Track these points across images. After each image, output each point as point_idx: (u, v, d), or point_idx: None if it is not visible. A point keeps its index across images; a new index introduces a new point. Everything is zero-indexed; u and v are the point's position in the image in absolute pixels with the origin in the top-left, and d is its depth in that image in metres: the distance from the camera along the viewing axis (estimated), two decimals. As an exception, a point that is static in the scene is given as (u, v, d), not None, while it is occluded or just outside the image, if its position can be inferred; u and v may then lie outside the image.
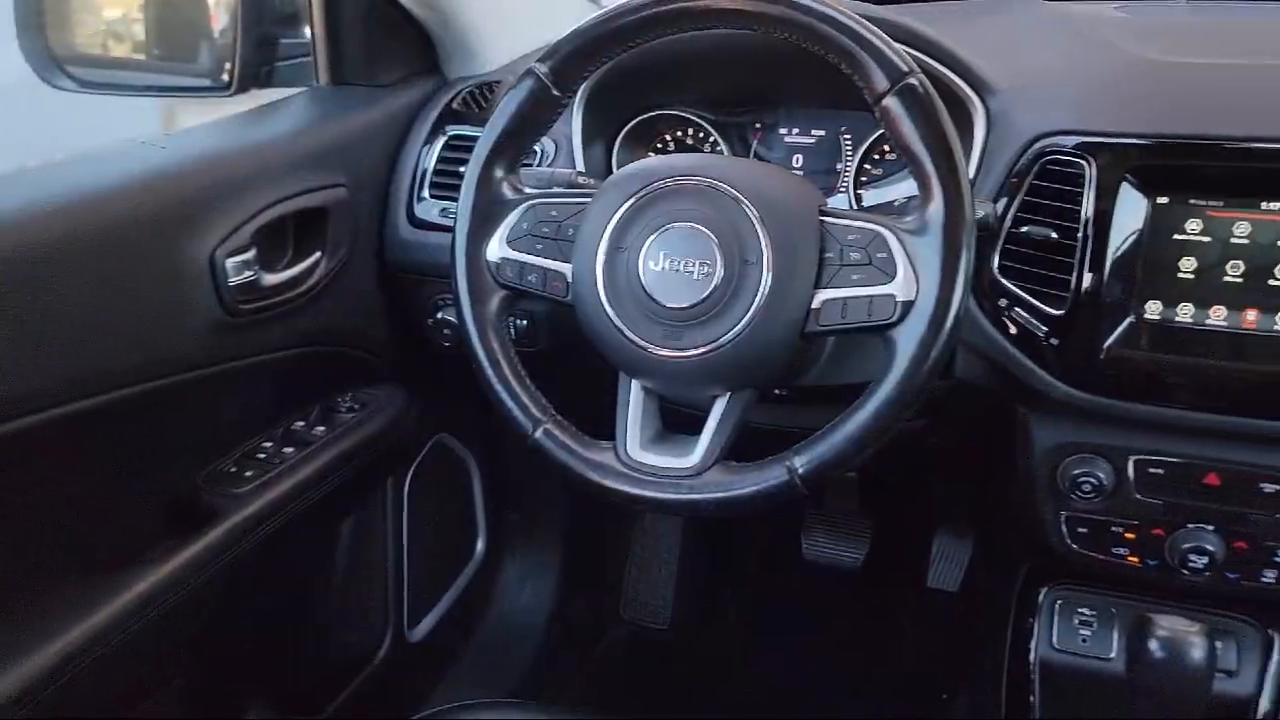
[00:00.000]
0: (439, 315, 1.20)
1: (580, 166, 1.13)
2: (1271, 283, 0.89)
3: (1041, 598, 1.15)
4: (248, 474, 1.10)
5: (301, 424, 1.20)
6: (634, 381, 0.88)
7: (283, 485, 1.10)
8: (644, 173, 0.87)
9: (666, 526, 1.88)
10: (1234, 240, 0.90)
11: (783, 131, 1.20)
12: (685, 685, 1.74)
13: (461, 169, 0.97)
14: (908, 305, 0.79)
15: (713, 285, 0.82)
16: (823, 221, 0.84)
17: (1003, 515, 1.12)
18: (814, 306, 0.82)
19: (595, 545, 1.85)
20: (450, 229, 0.95)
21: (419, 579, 1.48)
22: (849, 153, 1.16)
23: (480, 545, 1.64)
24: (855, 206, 1.15)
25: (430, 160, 1.20)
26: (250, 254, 1.01)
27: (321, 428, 1.20)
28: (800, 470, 0.81)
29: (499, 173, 0.93)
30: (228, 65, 1.19)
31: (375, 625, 1.43)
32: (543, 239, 0.90)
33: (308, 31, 1.25)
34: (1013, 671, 1.15)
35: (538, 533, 1.73)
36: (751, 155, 1.21)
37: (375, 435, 1.24)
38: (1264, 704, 1.05)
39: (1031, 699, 1.12)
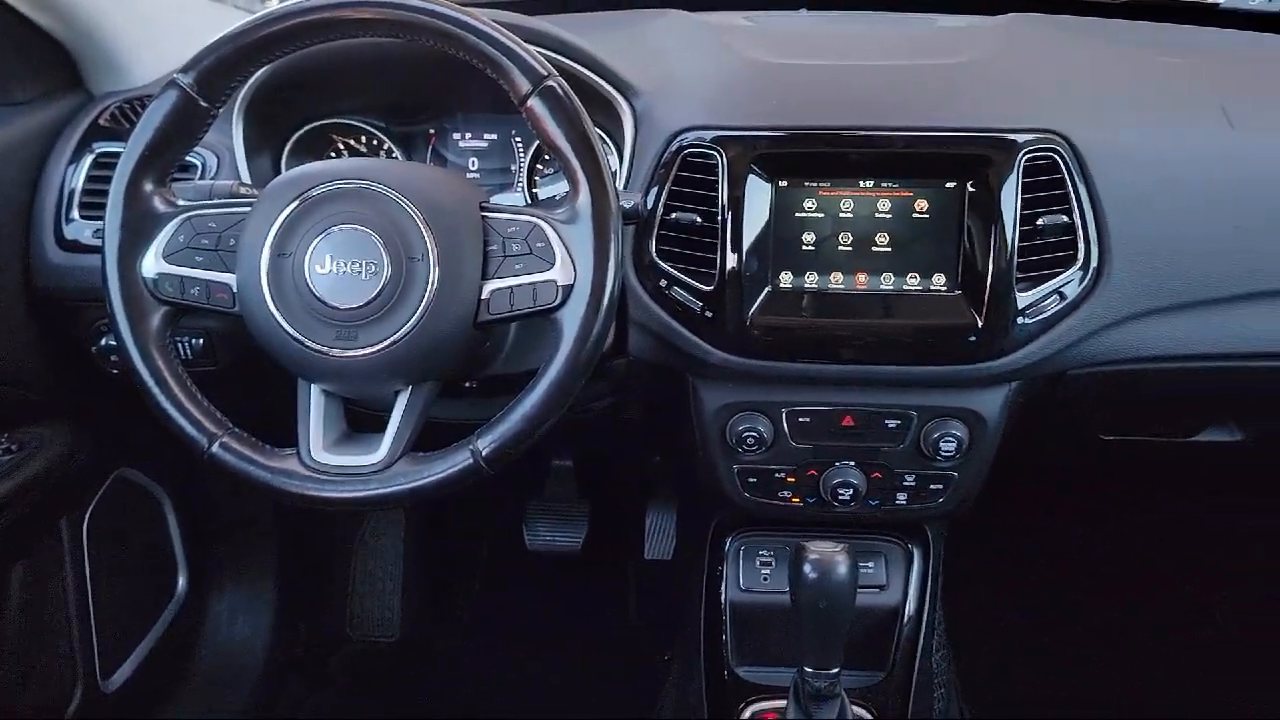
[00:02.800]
0: (103, 342, 1.14)
1: (245, 177, 1.12)
2: (874, 249, 1.05)
3: (728, 546, 1.27)
4: None
5: None
6: (312, 386, 0.89)
7: None
8: (304, 178, 0.88)
9: (389, 539, 1.87)
10: (842, 215, 1.05)
11: (456, 137, 1.25)
12: (420, 692, 1.74)
13: None
14: (568, 289, 0.86)
15: (381, 284, 0.85)
16: (485, 216, 0.89)
17: (692, 477, 1.22)
18: (483, 297, 0.87)
19: (315, 568, 1.80)
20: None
21: (111, 625, 1.39)
22: (520, 153, 1.23)
23: (182, 582, 1.56)
24: (529, 203, 1.22)
25: (78, 179, 1.14)
26: None
27: (-29, 476, 1.11)
28: (484, 451, 0.86)
29: (149, 187, 0.90)
30: None
31: (61, 679, 1.33)
32: (203, 251, 0.89)
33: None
34: (709, 618, 1.27)
35: (248, 563, 1.67)
36: (428, 161, 1.24)
37: (37, 476, 1.16)
38: (909, 607, 1.22)
39: (724, 637, 1.24)
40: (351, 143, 1.24)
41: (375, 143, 1.25)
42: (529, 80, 0.86)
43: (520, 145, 1.23)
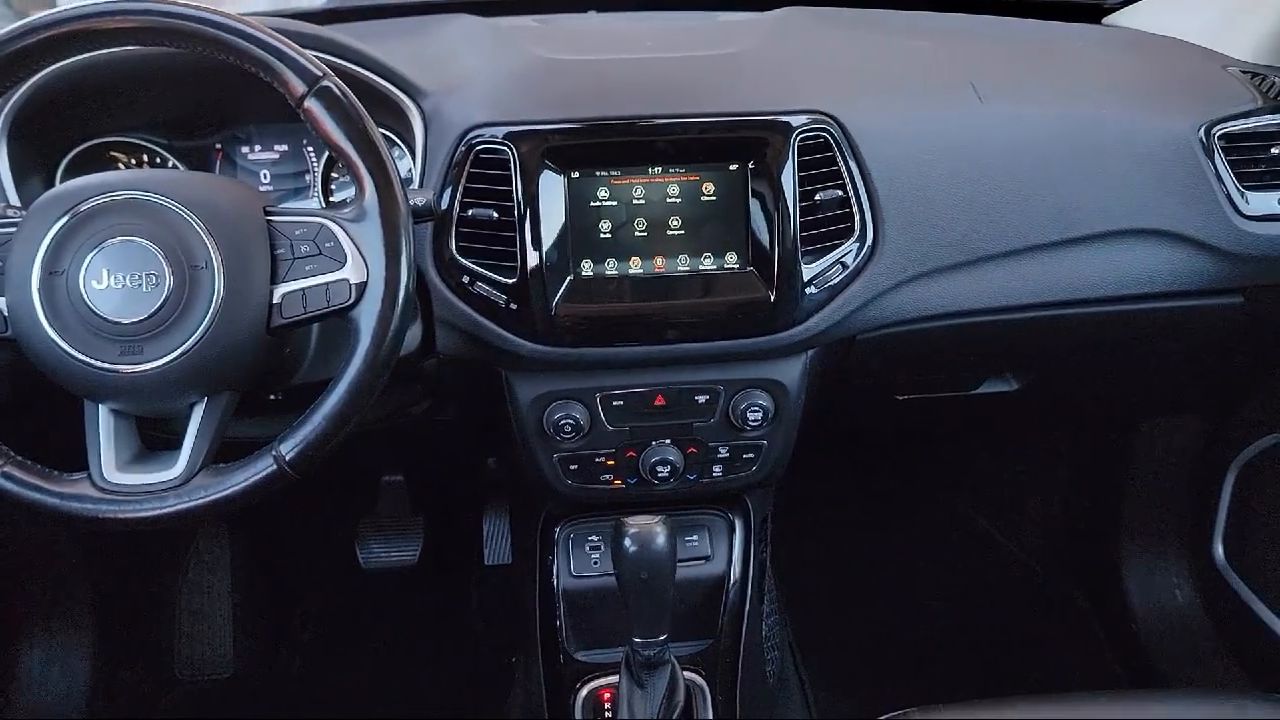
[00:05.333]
0: None
1: (14, 200, 1.06)
2: (669, 233, 1.10)
3: (557, 536, 1.29)
4: None
5: None
6: (100, 405, 0.86)
7: None
8: (73, 192, 0.85)
9: (217, 573, 1.80)
10: (635, 202, 1.09)
11: (245, 150, 1.23)
12: None
13: None
14: (361, 287, 0.86)
15: (164, 295, 0.82)
16: (270, 221, 0.88)
17: (517, 472, 1.24)
18: (275, 301, 0.86)
19: (136, 610, 1.72)
20: None
21: None
22: (313, 161, 1.22)
23: None
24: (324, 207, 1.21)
25: None
26: None
27: None
28: (288, 456, 0.85)
29: None
30: None
31: None
32: None
33: None
34: (543, 608, 1.29)
35: (60, 609, 1.57)
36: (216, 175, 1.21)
37: None
38: (734, 574, 1.28)
39: (559, 624, 1.26)
40: (133, 162, 1.20)
41: (158, 160, 1.21)
42: (303, 82, 0.86)
43: (312, 153, 1.22)
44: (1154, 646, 1.72)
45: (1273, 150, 1.20)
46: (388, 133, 1.14)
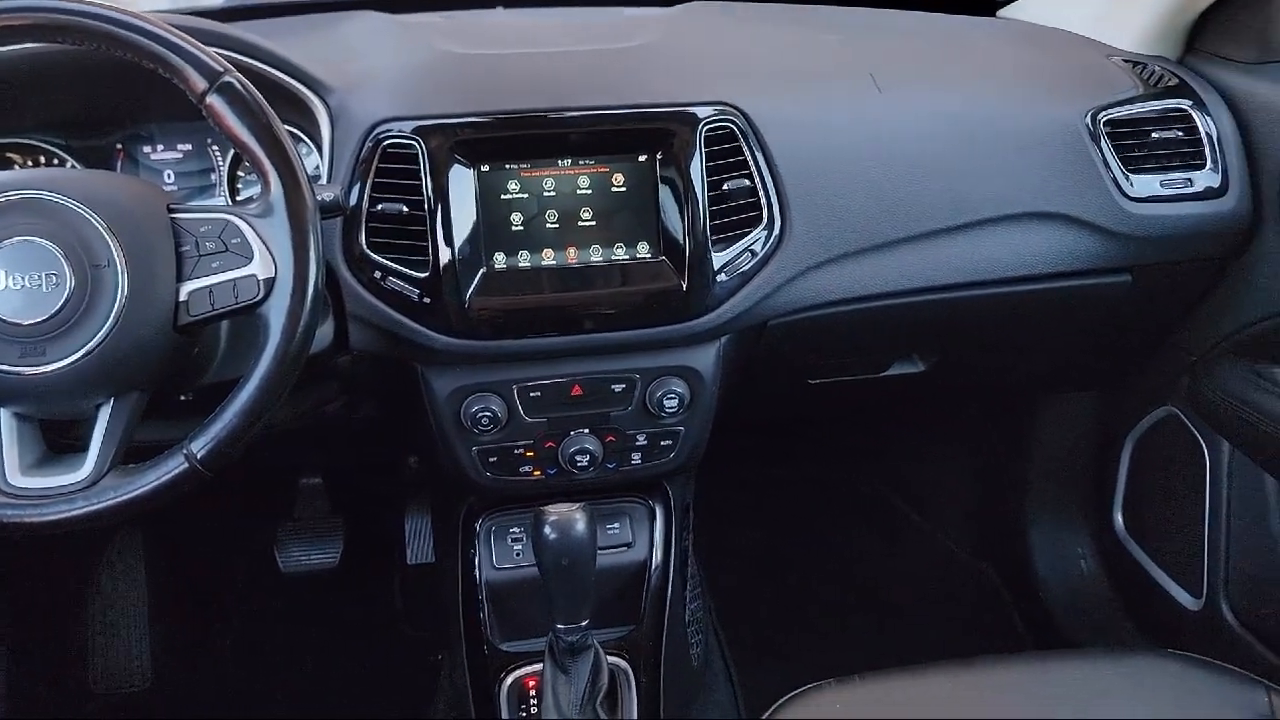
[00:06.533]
0: None
1: None
2: (580, 224, 1.11)
3: (479, 529, 1.29)
4: None
5: None
6: (1, 409, 0.84)
7: None
8: None
9: (129, 581, 1.75)
10: (545, 194, 1.10)
11: (148, 150, 1.21)
12: None
13: None
14: (270, 282, 0.86)
15: (65, 295, 0.81)
16: (174, 218, 0.87)
17: (437, 467, 1.24)
18: (181, 299, 0.85)
19: (48, 621, 1.67)
20: None
21: None
22: (219, 159, 1.20)
23: None
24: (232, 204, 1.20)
25: None
26: None
27: None
28: (199, 454, 0.84)
29: None
30: None
31: None
32: None
33: None
34: (466, 602, 1.29)
35: None
36: None
37: None
38: (655, 560, 1.30)
39: (483, 616, 1.27)
40: (29, 163, 1.17)
41: (55, 161, 1.18)
42: (204, 78, 0.85)
43: (217, 152, 1.20)
44: (1061, 613, 1.79)
45: (1153, 135, 1.27)
46: (294, 129, 1.13)
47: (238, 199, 1.21)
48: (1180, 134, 1.27)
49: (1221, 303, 1.37)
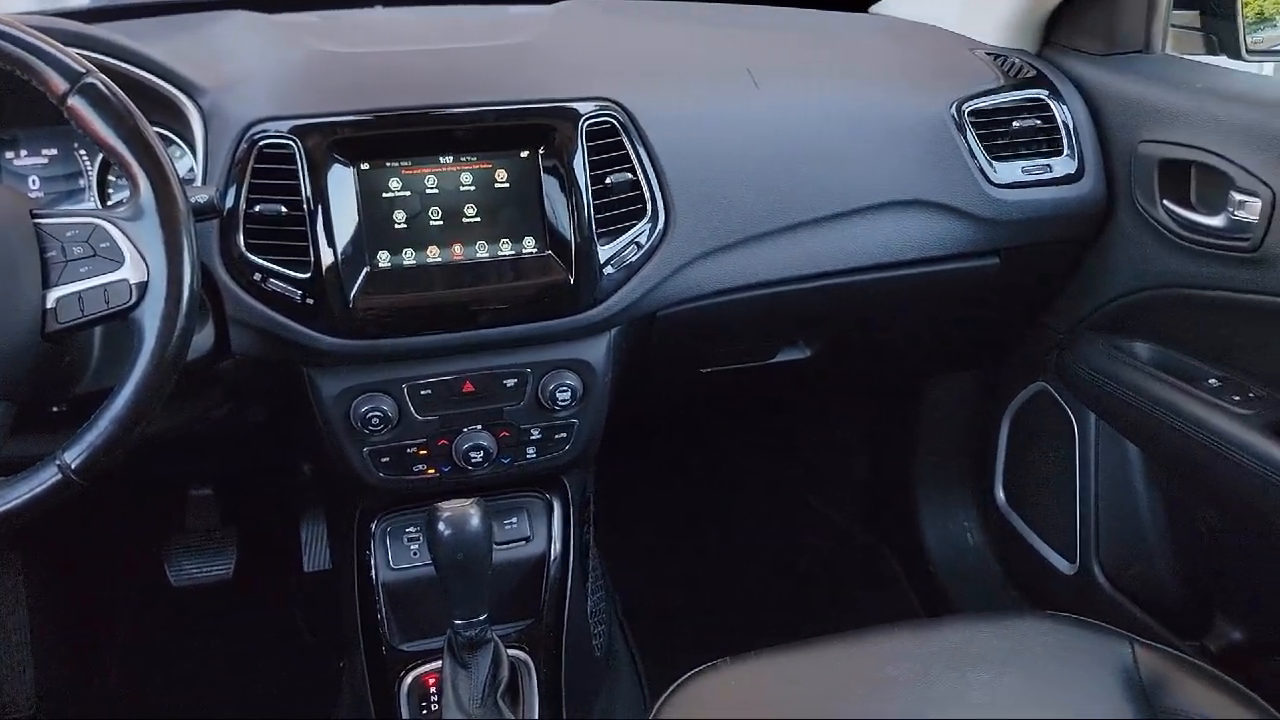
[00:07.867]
0: None
1: None
2: (465, 221, 1.11)
3: (374, 531, 1.28)
4: None
5: None
6: None
7: None
8: None
9: (8, 605, 1.68)
10: (428, 191, 1.10)
11: (10, 155, 1.16)
12: None
13: None
14: (143, 286, 0.84)
15: None
16: (37, 224, 0.84)
17: (329, 470, 1.22)
18: (49, 306, 0.83)
19: None
20: None
21: None
22: (86, 164, 1.16)
23: None
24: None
25: None
26: None
27: None
28: (73, 464, 0.82)
29: None
30: None
31: None
32: None
33: None
34: (364, 605, 1.28)
35: None
36: None
37: None
38: (554, 552, 1.31)
39: (381, 617, 1.26)
40: None
41: None
42: (65, 80, 0.83)
43: (85, 156, 1.16)
44: (950, 584, 1.87)
45: (1014, 124, 1.34)
46: (164, 131, 1.10)
47: (108, 204, 1.18)
48: (1039, 123, 1.35)
49: (1083, 282, 1.45)
